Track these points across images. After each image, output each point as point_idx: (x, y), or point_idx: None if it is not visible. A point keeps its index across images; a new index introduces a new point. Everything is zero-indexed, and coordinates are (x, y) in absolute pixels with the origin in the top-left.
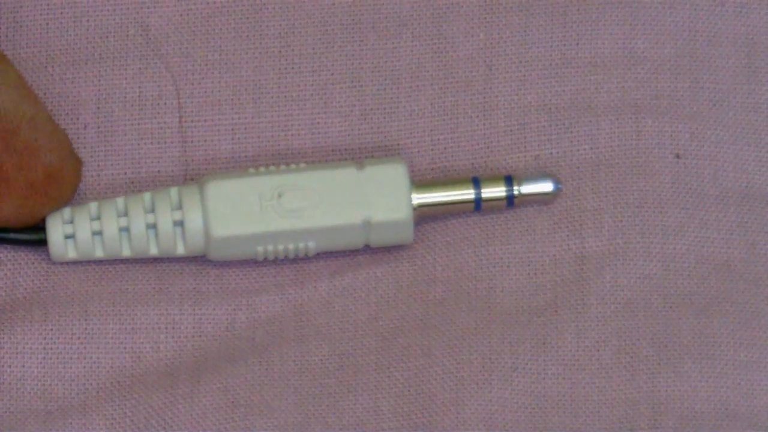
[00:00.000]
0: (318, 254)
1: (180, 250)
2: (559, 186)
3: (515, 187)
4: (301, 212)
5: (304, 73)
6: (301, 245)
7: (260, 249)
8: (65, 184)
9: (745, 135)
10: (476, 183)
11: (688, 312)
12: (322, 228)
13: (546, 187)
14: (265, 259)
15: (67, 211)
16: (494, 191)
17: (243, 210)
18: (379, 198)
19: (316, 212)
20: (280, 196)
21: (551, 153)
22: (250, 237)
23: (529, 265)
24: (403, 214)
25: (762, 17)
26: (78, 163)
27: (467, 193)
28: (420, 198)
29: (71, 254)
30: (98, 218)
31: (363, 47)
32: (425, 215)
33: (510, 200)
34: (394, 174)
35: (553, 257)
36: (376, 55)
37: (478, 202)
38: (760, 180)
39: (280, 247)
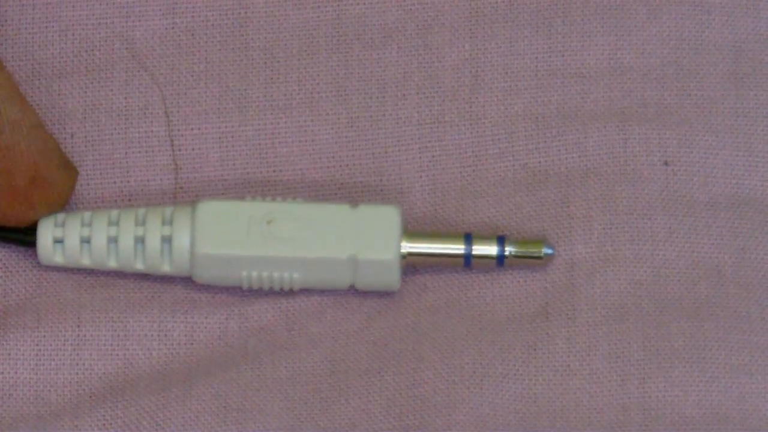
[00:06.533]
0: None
1: (166, 267)
2: (552, 251)
3: (507, 248)
4: (289, 241)
5: (290, 83)
6: (286, 275)
7: (244, 274)
8: (53, 191)
9: (734, 141)
10: (468, 239)
11: (679, 316)
12: (307, 259)
13: (537, 251)
14: (250, 288)
15: (60, 216)
16: (485, 249)
17: (231, 232)
18: (368, 237)
19: (303, 243)
20: (269, 222)
21: (539, 161)
22: (234, 259)
23: (519, 272)
24: (390, 255)
25: (748, 24)
26: (71, 171)
27: (458, 248)
28: (410, 247)
29: (58, 259)
30: (89, 225)
31: (348, 58)
32: (414, 264)
33: (500, 260)
34: (387, 216)
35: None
36: (362, 65)
37: (468, 258)
38: (750, 185)
39: (264, 275)
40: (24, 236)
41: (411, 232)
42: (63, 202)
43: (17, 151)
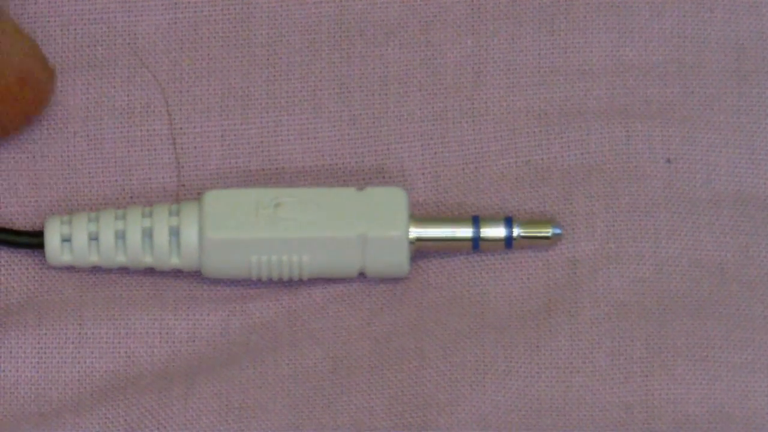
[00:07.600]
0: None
1: (174, 260)
2: (560, 231)
3: (514, 229)
4: (297, 222)
5: (292, 80)
6: (295, 259)
7: (254, 260)
8: (39, 90)
9: (736, 138)
10: (476, 222)
11: (682, 314)
12: (317, 239)
13: (546, 231)
14: (258, 278)
15: (66, 216)
16: (493, 231)
17: (239, 216)
18: (377, 216)
19: (311, 224)
20: (276, 206)
21: (542, 158)
22: (243, 243)
23: (521, 270)
24: (400, 232)
25: (750, 22)
26: (51, 71)
27: (466, 231)
28: (418, 232)
29: (66, 257)
30: (96, 221)
31: (351, 54)
32: (422, 250)
33: (509, 241)
34: (394, 197)
35: (545, 261)
36: (364, 62)
37: (476, 241)
38: (752, 183)
39: (274, 259)
40: (30, 239)
41: (418, 216)
42: (47, 102)
43: (4, 52)
